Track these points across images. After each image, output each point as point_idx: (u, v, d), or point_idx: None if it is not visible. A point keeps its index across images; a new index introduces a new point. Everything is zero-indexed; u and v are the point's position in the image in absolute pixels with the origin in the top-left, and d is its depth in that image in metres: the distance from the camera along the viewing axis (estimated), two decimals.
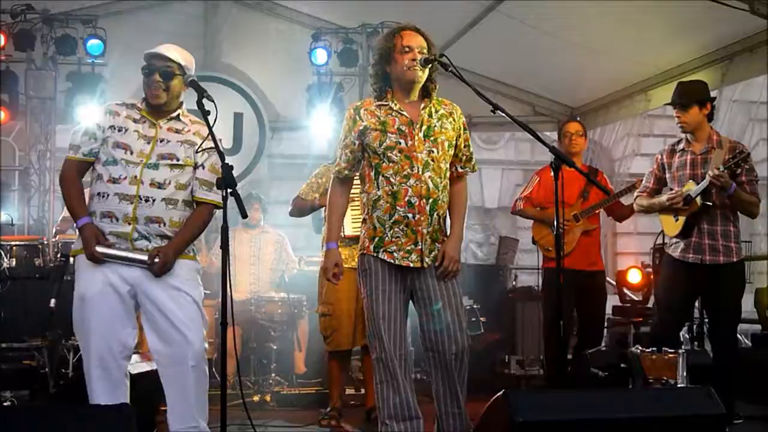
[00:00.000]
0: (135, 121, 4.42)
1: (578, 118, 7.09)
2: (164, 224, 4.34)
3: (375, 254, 4.48)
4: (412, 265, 4.44)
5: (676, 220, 5.87)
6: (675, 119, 5.87)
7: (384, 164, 4.45)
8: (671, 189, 5.92)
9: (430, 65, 4.41)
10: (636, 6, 7.52)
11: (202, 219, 4.45)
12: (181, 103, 4.51)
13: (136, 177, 4.30)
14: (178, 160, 4.39)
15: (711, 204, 5.69)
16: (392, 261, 4.44)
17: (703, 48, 7.94)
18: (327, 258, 4.69)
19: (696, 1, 6.67)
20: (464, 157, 4.62)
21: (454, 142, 4.54)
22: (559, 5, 7.96)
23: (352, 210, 6.06)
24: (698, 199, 5.69)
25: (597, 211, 6.83)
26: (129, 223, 4.29)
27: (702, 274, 5.77)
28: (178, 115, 4.47)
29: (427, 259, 4.45)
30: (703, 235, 5.76)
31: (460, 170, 4.62)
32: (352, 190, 6.05)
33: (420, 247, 4.42)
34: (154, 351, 4.34)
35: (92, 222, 4.27)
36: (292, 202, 6.47)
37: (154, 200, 4.32)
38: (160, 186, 4.33)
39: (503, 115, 4.28)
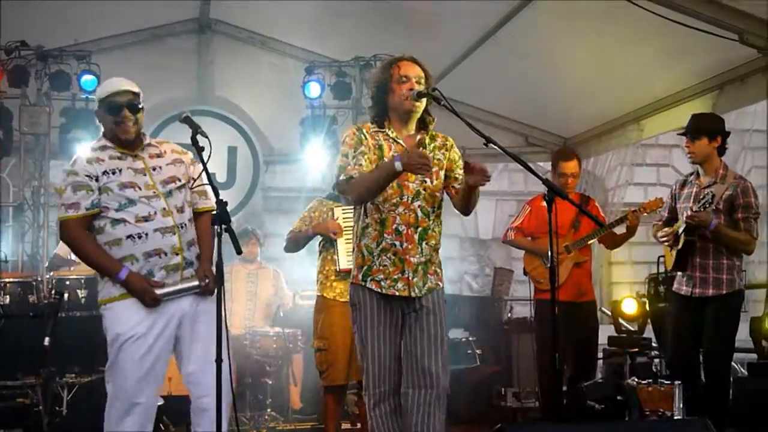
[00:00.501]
0: (119, 158, 4.38)
1: (576, 155, 7.04)
2: (195, 244, 4.42)
3: (363, 283, 4.45)
4: (398, 294, 4.39)
5: (672, 254, 5.97)
6: (685, 149, 6.02)
7: None
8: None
9: (424, 98, 4.42)
10: (627, 36, 7.58)
11: (210, 228, 4.41)
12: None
13: (165, 209, 4.31)
14: (180, 180, 4.42)
15: (693, 240, 5.80)
16: (379, 290, 4.40)
17: (694, 77, 7.98)
18: None
19: (686, 30, 6.70)
20: (460, 178, 4.54)
21: (445, 173, 4.53)
22: (551, 36, 8.01)
23: (346, 243, 6.07)
24: (682, 237, 5.79)
25: (589, 242, 6.84)
26: (177, 254, 4.32)
27: (696, 305, 5.84)
28: (147, 142, 4.48)
29: (415, 289, 4.40)
30: (695, 268, 5.89)
31: (457, 187, 4.54)
32: (346, 222, 6.10)
33: (407, 275, 4.38)
34: (190, 382, 4.38)
35: (131, 271, 4.23)
36: (286, 239, 6.44)
37: (186, 225, 4.38)
38: (182, 210, 4.39)
39: (496, 147, 4.29)
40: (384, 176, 4.28)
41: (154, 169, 4.39)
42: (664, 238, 6.02)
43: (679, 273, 6.02)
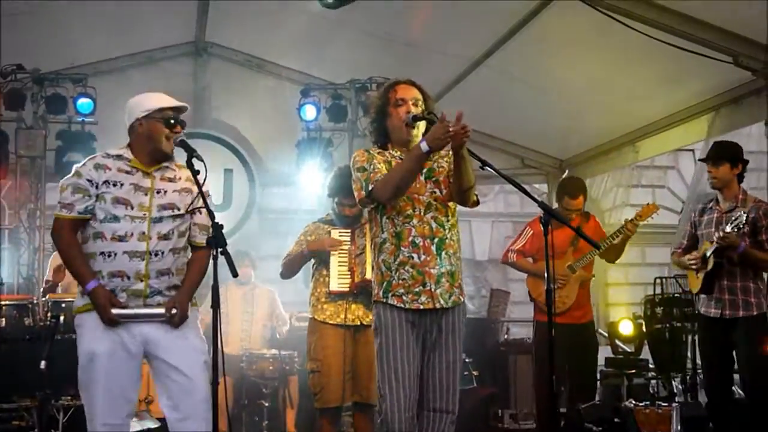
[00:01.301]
0: (127, 173, 4.34)
1: (584, 190, 7.04)
2: (173, 274, 4.33)
3: (384, 300, 4.40)
4: (422, 307, 4.35)
5: (698, 277, 6.02)
6: (707, 174, 6.15)
7: (388, 206, 4.43)
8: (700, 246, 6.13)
9: (419, 121, 4.43)
10: (622, 59, 7.62)
11: (205, 263, 4.41)
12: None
13: (143, 233, 4.25)
14: (178, 209, 4.36)
15: (721, 262, 5.90)
16: (402, 305, 4.36)
17: (689, 100, 8.02)
18: None
19: (682, 53, 6.74)
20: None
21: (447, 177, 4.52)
22: (547, 59, 8.04)
23: (339, 265, 6.08)
24: (711, 259, 5.89)
25: (591, 259, 6.86)
26: (141, 280, 4.24)
27: (726, 327, 5.95)
28: (167, 165, 4.43)
29: (441, 300, 4.36)
30: (723, 290, 5.99)
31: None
32: (342, 245, 6.10)
33: (429, 287, 4.34)
34: (166, 406, 4.30)
35: (101, 285, 4.20)
36: (282, 264, 6.42)
37: (163, 253, 4.29)
38: (166, 237, 4.30)
39: (491, 169, 4.30)
40: (413, 161, 4.26)
41: (158, 192, 4.35)
42: (692, 262, 6.11)
43: (705, 296, 6.10)
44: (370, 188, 4.38)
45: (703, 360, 6.33)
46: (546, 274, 4.29)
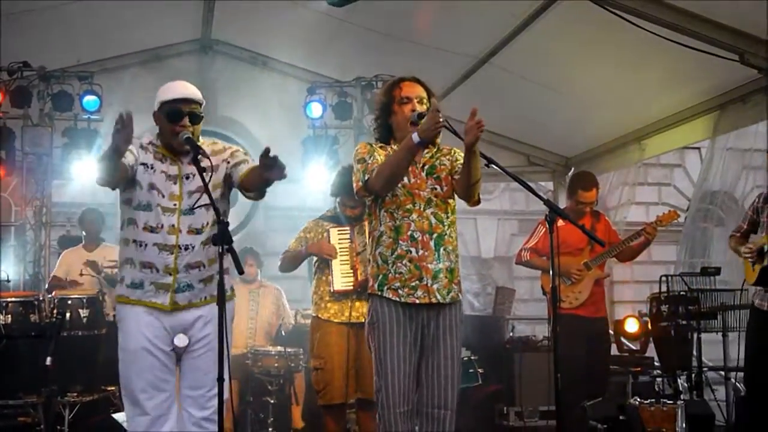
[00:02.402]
0: (160, 160, 4.33)
1: (596, 183, 7.04)
2: (204, 267, 4.28)
3: (380, 293, 4.41)
4: (418, 301, 4.36)
5: (753, 268, 5.98)
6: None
7: (387, 198, 4.43)
8: (760, 233, 6.03)
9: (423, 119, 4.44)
10: (628, 57, 7.60)
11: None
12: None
13: (173, 226, 4.23)
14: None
15: None
16: (397, 299, 4.37)
17: (695, 98, 8.00)
18: None
19: (687, 51, 6.72)
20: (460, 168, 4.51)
21: (450, 174, 4.53)
22: (552, 57, 8.03)
23: (341, 264, 6.09)
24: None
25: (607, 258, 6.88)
26: (170, 274, 4.22)
27: None
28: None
29: (437, 295, 4.37)
30: None
31: (457, 178, 4.49)
32: (341, 243, 6.11)
33: (426, 282, 4.35)
34: (186, 396, 4.32)
35: None
36: (281, 258, 6.45)
37: (193, 247, 4.26)
38: (198, 231, 4.27)
39: (497, 167, 4.31)
40: (405, 152, 4.30)
41: (186, 177, 4.31)
42: (748, 255, 6.02)
43: (760, 288, 6.02)
44: (366, 178, 4.40)
45: (748, 351, 6.19)
46: (551, 271, 4.30)
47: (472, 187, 4.39)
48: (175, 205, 4.26)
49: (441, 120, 4.15)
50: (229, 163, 4.45)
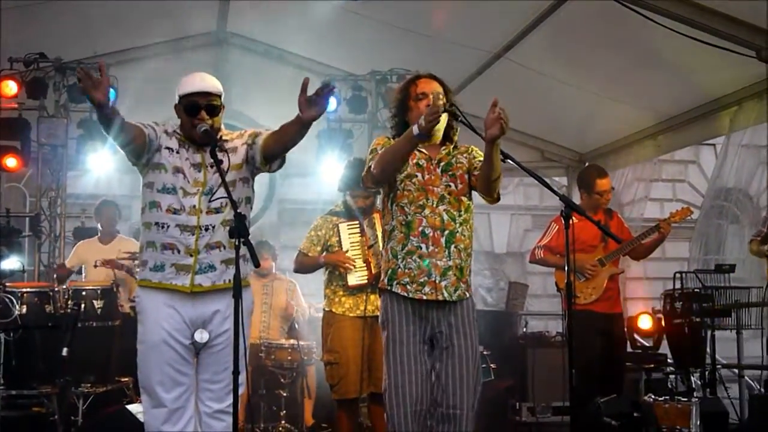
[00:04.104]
0: (183, 147, 4.34)
1: (606, 172, 7.07)
2: (224, 247, 4.26)
3: (389, 287, 4.41)
4: (425, 298, 4.35)
5: None
6: None
7: (399, 193, 4.44)
8: None
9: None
10: (644, 52, 7.58)
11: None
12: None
13: (194, 206, 4.23)
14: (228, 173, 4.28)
15: None
16: (405, 294, 4.37)
17: (711, 94, 7.98)
18: None
19: (704, 47, 6.70)
20: (480, 166, 4.50)
21: (468, 172, 4.53)
22: (567, 51, 8.02)
23: (354, 259, 6.08)
24: None
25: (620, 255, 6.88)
26: (191, 255, 4.21)
27: None
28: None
29: (444, 293, 4.36)
30: None
31: (476, 174, 4.49)
32: (352, 237, 6.10)
33: (434, 279, 4.35)
34: (204, 389, 4.31)
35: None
36: (295, 261, 6.43)
37: (214, 227, 4.25)
38: (218, 211, 4.25)
39: (513, 162, 4.31)
40: (402, 142, 4.32)
41: (211, 166, 4.28)
42: None
43: None
44: (368, 167, 4.43)
45: None
46: (566, 267, 4.29)
47: (493, 183, 4.38)
48: (198, 189, 4.26)
49: (437, 111, 4.12)
50: (248, 144, 4.42)
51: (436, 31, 8.34)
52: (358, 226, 6.14)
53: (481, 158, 4.47)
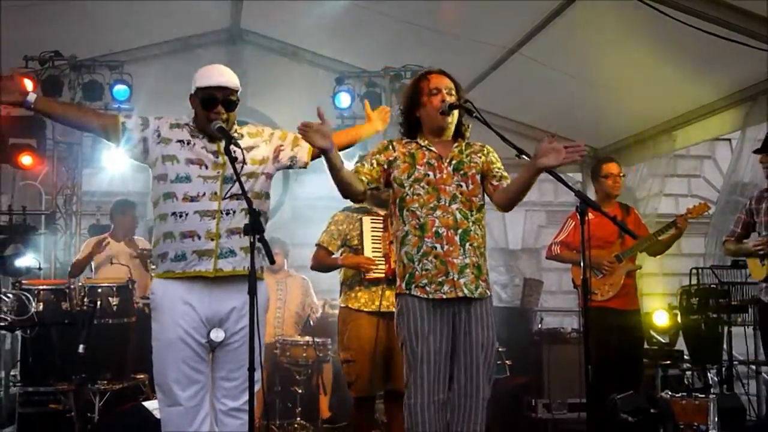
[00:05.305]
0: (198, 138, 4.34)
1: (615, 159, 7.09)
2: (244, 234, 4.18)
3: (407, 291, 4.41)
4: (445, 296, 4.34)
5: (763, 264, 5.99)
6: (760, 164, 6.32)
7: (409, 197, 4.43)
8: (759, 234, 6.07)
9: (455, 110, 4.43)
10: (659, 47, 7.55)
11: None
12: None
13: (215, 193, 4.24)
14: (249, 166, 4.31)
15: None
16: (425, 296, 4.36)
17: (726, 88, 7.95)
18: None
19: (719, 41, 6.67)
20: (498, 175, 4.54)
21: (482, 174, 4.53)
22: (582, 47, 7.99)
23: (373, 252, 6.06)
24: None
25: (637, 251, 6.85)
26: (212, 239, 4.22)
27: None
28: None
29: (464, 289, 4.35)
30: None
31: (495, 183, 4.52)
32: (375, 231, 6.07)
33: (452, 277, 4.34)
34: (220, 387, 4.33)
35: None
36: (313, 256, 6.39)
37: (234, 212, 4.26)
38: (238, 197, 4.23)
39: (527, 158, 4.30)
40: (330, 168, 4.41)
41: (227, 153, 4.27)
42: (759, 247, 6.12)
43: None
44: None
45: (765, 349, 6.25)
46: (582, 263, 4.27)
47: (517, 202, 4.45)
48: (218, 173, 4.27)
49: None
50: (278, 145, 4.53)
51: (450, 26, 8.33)
52: (381, 220, 6.12)
53: (499, 166, 4.54)
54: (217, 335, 4.25)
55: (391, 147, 4.55)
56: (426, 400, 4.31)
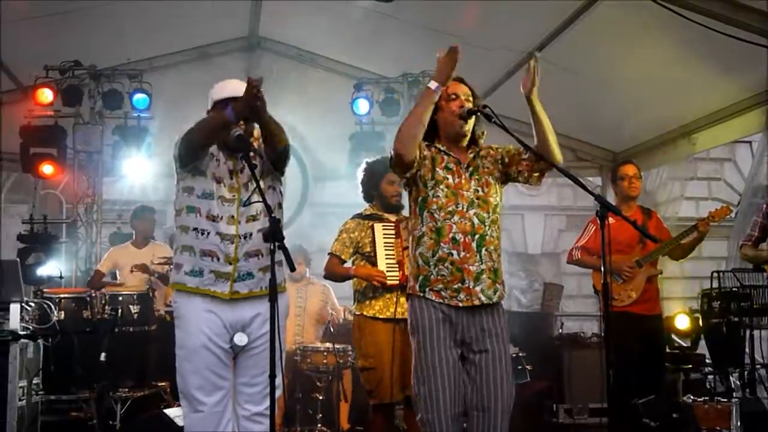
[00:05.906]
0: (219, 150, 4.37)
1: (633, 161, 7.06)
2: (263, 255, 4.29)
3: (421, 294, 4.40)
4: (461, 305, 4.34)
5: None
6: None
7: (430, 198, 4.43)
8: None
9: (473, 115, 4.44)
10: (678, 50, 7.53)
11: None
12: None
13: (233, 217, 4.27)
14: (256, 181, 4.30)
15: None
16: (441, 301, 4.35)
17: (746, 91, 7.91)
18: None
19: (739, 44, 6.63)
20: (514, 149, 4.64)
21: (503, 164, 4.58)
22: (601, 51, 7.97)
23: (386, 259, 6.04)
24: None
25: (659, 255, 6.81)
26: (230, 263, 4.26)
27: None
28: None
29: (481, 296, 4.34)
30: None
31: (524, 156, 4.61)
32: (387, 239, 6.06)
33: (468, 285, 4.33)
34: (242, 392, 4.35)
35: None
36: (326, 266, 6.37)
37: (251, 235, 4.29)
38: (254, 218, 4.29)
39: (546, 162, 4.30)
40: (422, 102, 4.37)
41: (241, 171, 4.34)
42: None
43: None
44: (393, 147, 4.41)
45: None
46: (602, 268, 4.25)
47: (547, 142, 4.53)
48: (233, 196, 4.30)
49: (453, 54, 4.34)
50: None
51: (468, 31, 8.31)
52: (393, 227, 6.11)
53: (507, 149, 4.59)
54: (240, 339, 4.27)
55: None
56: (443, 416, 4.29)
